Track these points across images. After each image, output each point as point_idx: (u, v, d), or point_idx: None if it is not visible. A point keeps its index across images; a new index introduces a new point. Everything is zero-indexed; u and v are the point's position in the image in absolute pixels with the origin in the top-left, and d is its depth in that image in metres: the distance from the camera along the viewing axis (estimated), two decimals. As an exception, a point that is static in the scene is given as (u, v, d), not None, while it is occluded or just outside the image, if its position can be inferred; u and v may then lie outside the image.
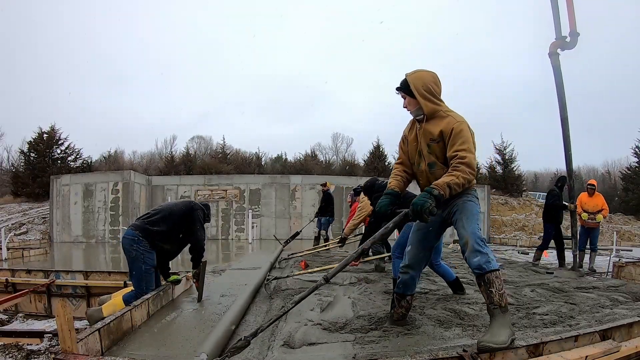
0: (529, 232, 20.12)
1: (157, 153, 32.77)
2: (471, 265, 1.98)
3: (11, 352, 3.26)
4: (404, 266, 2.34)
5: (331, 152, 35.30)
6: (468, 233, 2.01)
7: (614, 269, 5.20)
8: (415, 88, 2.17)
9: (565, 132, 4.86)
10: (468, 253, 1.98)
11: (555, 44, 4.78)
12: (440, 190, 1.96)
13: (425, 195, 1.96)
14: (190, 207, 3.42)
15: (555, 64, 4.81)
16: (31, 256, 9.70)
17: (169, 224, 3.28)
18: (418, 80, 2.19)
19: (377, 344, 2.12)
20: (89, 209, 16.18)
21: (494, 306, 1.92)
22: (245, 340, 1.77)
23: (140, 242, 3.13)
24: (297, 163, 27.77)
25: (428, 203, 1.92)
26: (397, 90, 2.27)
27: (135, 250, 3.12)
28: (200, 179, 18.62)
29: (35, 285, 4.85)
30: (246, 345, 1.77)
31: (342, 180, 18.62)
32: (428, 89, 2.18)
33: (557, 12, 4.78)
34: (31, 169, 21.87)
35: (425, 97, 2.17)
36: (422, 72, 2.23)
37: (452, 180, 1.99)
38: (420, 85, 2.18)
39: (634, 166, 25.45)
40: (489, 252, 1.98)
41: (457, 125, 2.09)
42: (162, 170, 25.20)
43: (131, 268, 3.20)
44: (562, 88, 4.84)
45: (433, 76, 2.24)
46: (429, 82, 2.20)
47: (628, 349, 2.03)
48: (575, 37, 4.69)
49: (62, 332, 1.72)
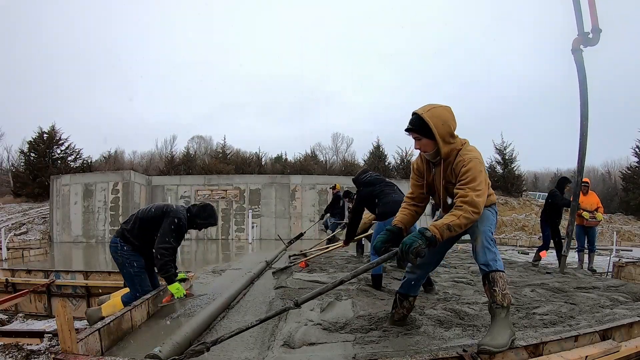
0: (529, 232, 20.13)
1: (157, 153, 32.85)
2: (479, 261, 1.98)
3: (11, 352, 3.26)
4: (412, 266, 2.31)
5: (331, 152, 35.39)
6: (479, 231, 2.00)
7: (614, 269, 5.20)
8: (437, 129, 1.96)
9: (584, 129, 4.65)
10: (477, 249, 1.99)
11: (577, 40, 4.62)
12: (435, 233, 1.86)
13: (417, 235, 1.86)
14: (163, 212, 3.18)
15: (578, 61, 4.65)
16: (31, 256, 9.68)
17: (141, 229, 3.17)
18: (437, 120, 1.97)
19: (377, 344, 2.11)
20: (89, 209, 16.18)
21: (496, 305, 1.92)
22: (204, 345, 1.72)
23: (122, 247, 3.14)
24: (297, 163, 27.81)
25: (417, 244, 1.81)
26: (409, 132, 2.06)
27: (120, 256, 3.14)
28: (200, 179, 18.62)
29: (35, 285, 4.85)
30: (204, 351, 1.71)
31: (342, 181, 18.58)
32: (449, 129, 1.99)
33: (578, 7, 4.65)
34: (31, 169, 21.90)
35: (445, 139, 1.99)
36: (439, 109, 2.01)
37: (453, 222, 1.88)
38: (441, 125, 1.97)
39: (634, 166, 25.46)
40: (497, 252, 1.99)
41: (466, 163, 1.96)
42: (162, 170, 25.25)
43: (122, 273, 3.23)
44: (585, 85, 4.66)
45: (450, 112, 2.04)
46: (449, 121, 2.00)
47: (628, 349, 2.02)
48: (598, 33, 4.55)
49: (62, 332, 1.72)
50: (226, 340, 1.78)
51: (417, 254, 1.81)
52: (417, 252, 1.81)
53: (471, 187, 1.92)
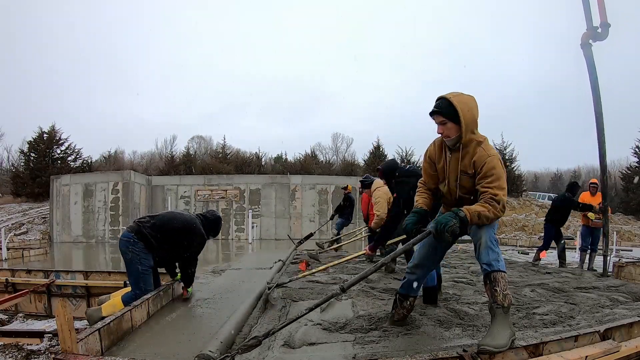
0: (529, 232, 20.12)
1: (157, 153, 32.85)
2: (481, 260, 1.99)
3: (11, 352, 3.27)
4: (411, 266, 2.32)
5: (331, 152, 35.39)
6: (483, 231, 2.02)
7: (614, 269, 5.19)
8: (463, 115, 1.98)
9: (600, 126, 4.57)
10: (480, 249, 2.00)
11: (586, 34, 4.55)
12: (468, 214, 1.90)
13: (451, 214, 1.91)
14: (189, 230, 3.26)
15: (588, 55, 4.56)
16: (31, 256, 9.70)
17: (163, 237, 3.21)
18: (465, 106, 1.99)
19: (377, 344, 2.12)
20: (89, 209, 16.19)
21: (496, 305, 1.93)
22: (256, 339, 1.80)
23: (136, 244, 3.14)
24: (297, 163, 27.78)
25: (452, 222, 1.87)
26: (435, 114, 2.05)
27: (131, 252, 3.12)
28: (200, 179, 18.63)
29: (35, 285, 4.85)
30: (258, 344, 1.81)
31: (342, 181, 18.64)
32: (473, 117, 2.02)
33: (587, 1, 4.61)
34: (31, 169, 21.89)
35: (468, 126, 2.01)
36: (466, 97, 2.04)
37: (484, 212, 1.92)
38: (467, 111, 1.99)
39: (634, 166, 25.43)
40: (499, 253, 2.01)
41: (490, 160, 1.98)
42: (162, 170, 25.23)
43: (128, 269, 3.21)
44: (596, 81, 4.57)
45: (475, 102, 2.05)
46: (474, 109, 2.03)
47: (628, 349, 2.03)
48: (606, 28, 4.48)
49: (62, 332, 1.72)
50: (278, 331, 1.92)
51: (452, 232, 1.87)
52: (453, 231, 1.87)
53: (497, 186, 1.96)
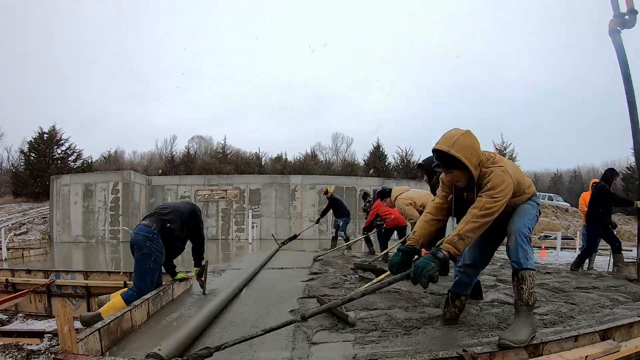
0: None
1: (157, 153, 32.80)
2: (510, 258, 2.01)
3: (11, 352, 3.26)
4: (462, 265, 2.30)
5: (331, 152, 35.32)
6: (514, 228, 2.02)
7: (614, 269, 5.19)
8: (468, 161, 1.93)
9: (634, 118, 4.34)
10: (510, 246, 2.00)
11: (614, 21, 4.40)
12: (449, 249, 1.83)
13: (429, 257, 1.80)
14: (195, 208, 3.60)
15: (617, 42, 4.40)
16: (31, 256, 9.70)
17: (180, 222, 3.34)
18: (466, 151, 1.94)
19: (377, 344, 2.11)
20: (89, 209, 16.17)
21: (521, 303, 1.96)
22: (207, 350, 1.70)
23: (155, 240, 3.13)
24: (297, 163, 27.78)
25: (429, 266, 1.77)
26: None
27: (148, 247, 3.10)
28: (200, 179, 18.62)
29: (35, 285, 4.85)
30: (208, 355, 1.70)
31: (342, 180, 18.63)
32: (477, 154, 1.99)
33: None
34: (31, 169, 21.88)
35: (476, 166, 1.97)
36: (462, 138, 1.97)
37: (462, 229, 1.85)
38: (470, 154, 1.94)
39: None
40: (529, 251, 2.00)
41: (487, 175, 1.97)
42: (162, 170, 25.24)
43: (139, 263, 3.15)
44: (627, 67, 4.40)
45: (472, 136, 2.01)
46: (475, 147, 1.99)
47: (628, 349, 2.03)
48: (634, 15, 4.34)
49: (62, 332, 1.72)
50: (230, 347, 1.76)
51: (430, 278, 1.76)
52: (431, 276, 1.76)
53: (488, 194, 1.92)
